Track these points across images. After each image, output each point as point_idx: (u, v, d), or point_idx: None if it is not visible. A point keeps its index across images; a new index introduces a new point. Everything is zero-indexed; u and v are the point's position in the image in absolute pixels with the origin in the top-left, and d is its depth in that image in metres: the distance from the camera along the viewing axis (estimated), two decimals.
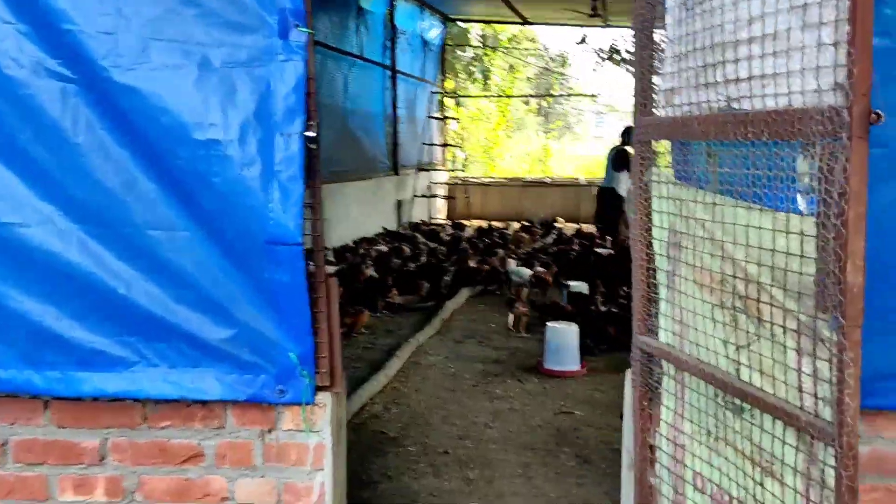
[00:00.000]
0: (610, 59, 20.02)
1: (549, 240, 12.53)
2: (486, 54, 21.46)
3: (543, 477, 4.27)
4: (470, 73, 21.83)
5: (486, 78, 21.28)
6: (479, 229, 13.18)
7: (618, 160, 11.80)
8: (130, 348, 2.68)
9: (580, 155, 31.35)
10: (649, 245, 2.30)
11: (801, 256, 1.67)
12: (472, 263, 9.63)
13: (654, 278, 2.31)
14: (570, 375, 6.08)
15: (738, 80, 1.84)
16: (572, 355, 6.16)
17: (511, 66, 21.17)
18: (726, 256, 1.96)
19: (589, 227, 13.86)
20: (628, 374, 2.65)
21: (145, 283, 2.62)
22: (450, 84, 20.51)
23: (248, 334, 2.60)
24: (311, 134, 2.54)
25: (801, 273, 1.67)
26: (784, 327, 1.77)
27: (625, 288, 7.93)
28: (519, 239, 12.21)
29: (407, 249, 10.83)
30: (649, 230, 2.30)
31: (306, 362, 2.62)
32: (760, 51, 1.75)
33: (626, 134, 11.99)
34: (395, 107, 15.39)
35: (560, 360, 6.15)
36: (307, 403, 2.67)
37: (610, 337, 6.76)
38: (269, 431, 2.79)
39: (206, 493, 2.87)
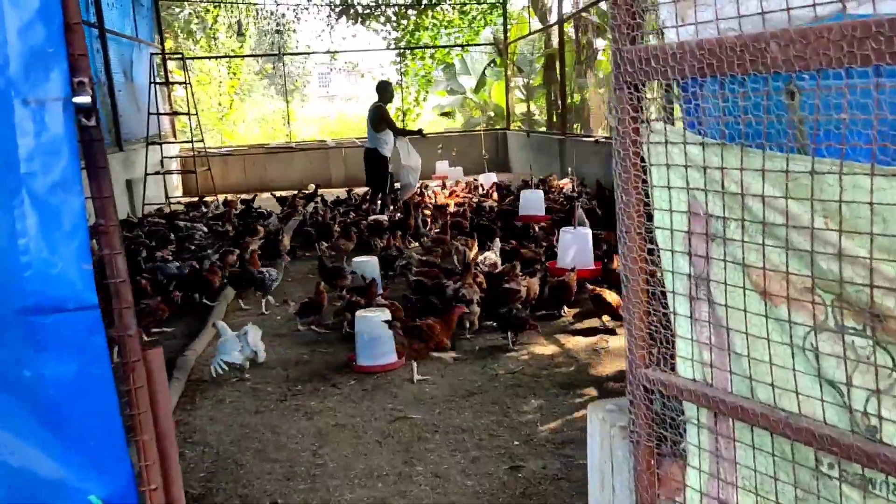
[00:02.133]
0: (344, 13, 19.11)
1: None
2: (206, 11, 19.41)
3: None
4: (190, 33, 19.65)
5: (211, 37, 19.27)
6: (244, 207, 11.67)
7: (377, 119, 11.13)
8: None
9: (318, 116, 30.29)
10: (649, 239, 1.57)
11: None
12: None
13: (662, 286, 1.59)
14: (389, 370, 5.31)
15: None
16: (388, 346, 5.39)
17: (237, 23, 19.37)
18: (826, 251, 1.28)
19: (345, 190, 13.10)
20: (595, 416, 1.93)
21: None
22: (170, 45, 18.27)
23: (9, 481, 1.45)
24: (83, 100, 1.44)
25: None
26: None
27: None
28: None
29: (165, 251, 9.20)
30: (649, 217, 1.57)
31: None
32: None
33: (381, 90, 11.33)
34: (108, 72, 13.20)
35: (375, 354, 5.35)
36: None
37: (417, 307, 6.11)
38: None
39: None
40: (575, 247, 7.11)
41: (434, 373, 5.24)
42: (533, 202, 9.95)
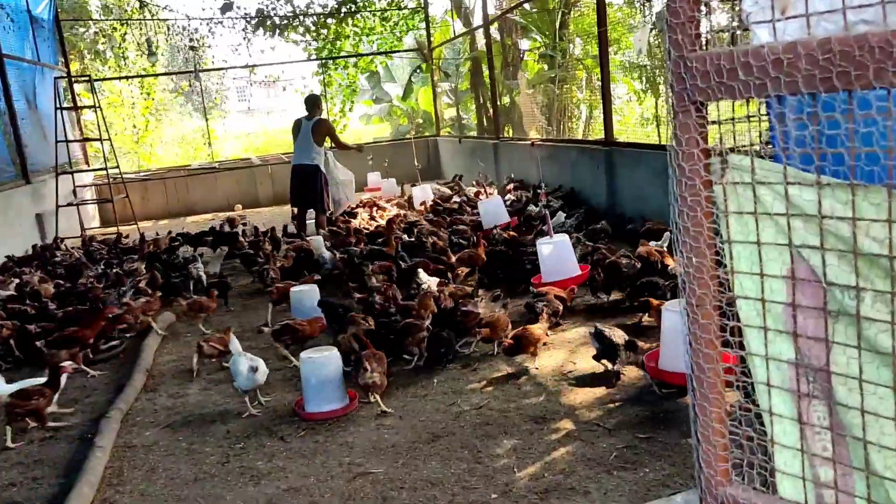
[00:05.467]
0: (260, 25, 18.39)
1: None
2: (113, 29, 18.39)
3: None
4: (98, 53, 18.58)
5: (120, 57, 18.24)
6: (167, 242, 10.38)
7: (321, 133, 10.57)
8: None
9: (239, 132, 29.30)
10: (727, 304, 1.16)
11: None
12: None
13: (745, 375, 1.18)
14: (339, 415, 4.81)
15: None
16: (337, 389, 4.89)
17: (147, 41, 18.41)
18: None
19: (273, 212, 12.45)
20: None
21: None
22: (76, 67, 17.22)
23: None
24: None
25: None
26: None
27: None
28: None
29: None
30: (723, 281, 1.15)
31: None
32: None
33: (314, 103, 10.78)
34: (9, 100, 12.24)
35: (324, 399, 4.84)
36: None
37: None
38: None
39: None
40: (556, 257, 6.75)
41: (392, 414, 4.76)
42: (494, 211, 9.55)
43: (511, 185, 12.00)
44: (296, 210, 10.97)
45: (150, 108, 19.23)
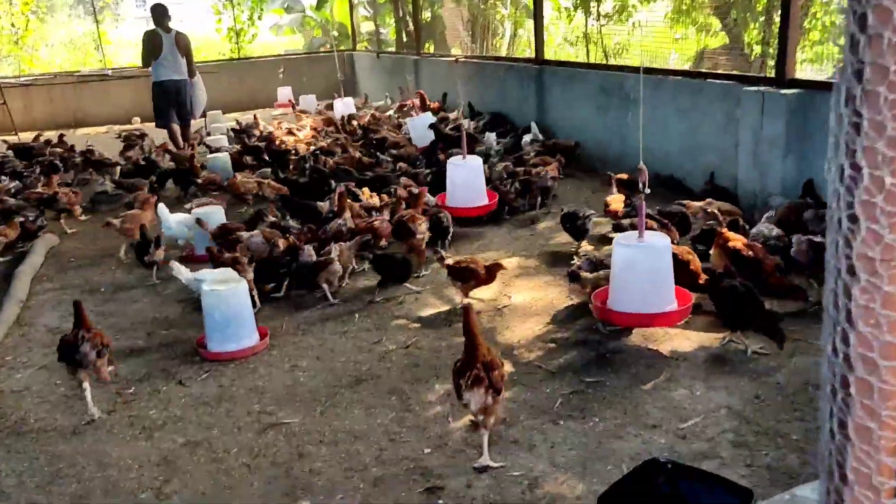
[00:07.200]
0: None
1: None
2: None
3: None
4: None
5: None
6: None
7: (189, 49, 9.74)
8: None
9: (135, 40, 27.06)
10: None
11: None
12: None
13: None
14: (248, 355, 4.24)
15: None
16: (247, 325, 4.30)
17: None
18: None
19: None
20: None
21: None
22: None
23: None
24: None
25: None
26: None
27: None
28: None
29: None
30: None
31: None
32: None
33: (161, 13, 9.77)
34: None
35: (230, 336, 4.25)
36: None
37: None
38: None
39: None
40: (465, 181, 6.21)
41: (308, 353, 4.23)
42: (423, 128, 8.86)
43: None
44: (176, 128, 10.11)
45: (31, 4, 17.22)
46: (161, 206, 6.11)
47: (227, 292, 4.22)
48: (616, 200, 5.75)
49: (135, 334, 4.65)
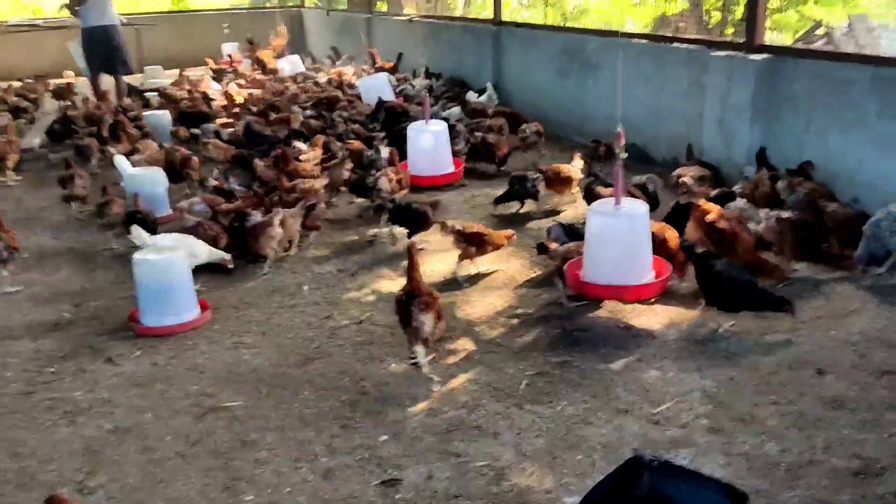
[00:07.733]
0: None
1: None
2: None
3: None
4: None
5: None
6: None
7: None
8: None
9: None
10: None
11: None
12: None
13: None
14: (186, 329, 3.89)
15: None
16: (185, 297, 3.95)
17: None
18: None
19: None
20: None
21: None
22: None
23: None
24: None
25: None
26: None
27: None
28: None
29: None
30: None
31: None
32: None
33: None
34: None
35: (166, 310, 3.89)
36: None
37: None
38: None
39: None
40: (429, 147, 5.91)
41: (252, 328, 3.91)
42: (378, 88, 8.44)
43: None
44: (105, 76, 9.56)
45: None
46: (120, 157, 5.72)
47: (161, 261, 3.86)
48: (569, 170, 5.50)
49: (60, 305, 4.25)
